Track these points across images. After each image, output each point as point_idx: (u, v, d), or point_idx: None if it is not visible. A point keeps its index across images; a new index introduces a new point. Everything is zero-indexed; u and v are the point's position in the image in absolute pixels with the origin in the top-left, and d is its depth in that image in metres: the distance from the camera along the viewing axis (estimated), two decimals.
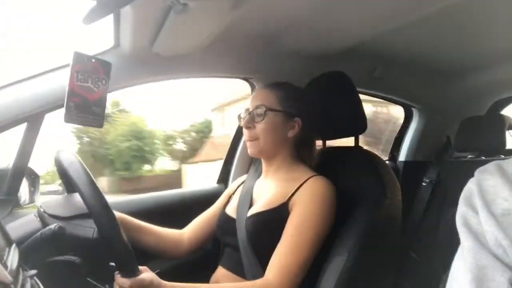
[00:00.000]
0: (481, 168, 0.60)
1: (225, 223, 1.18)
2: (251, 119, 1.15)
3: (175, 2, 0.87)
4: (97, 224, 0.89)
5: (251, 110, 1.16)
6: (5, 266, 0.64)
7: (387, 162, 2.09)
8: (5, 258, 0.67)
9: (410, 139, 2.10)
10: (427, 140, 2.07)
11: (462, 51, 1.60)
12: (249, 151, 1.18)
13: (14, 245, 0.78)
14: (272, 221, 1.06)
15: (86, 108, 1.06)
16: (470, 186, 0.59)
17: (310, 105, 1.19)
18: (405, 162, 2.09)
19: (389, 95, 1.96)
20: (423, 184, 1.89)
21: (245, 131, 1.18)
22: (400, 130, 2.16)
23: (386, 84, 1.82)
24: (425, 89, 1.94)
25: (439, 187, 1.84)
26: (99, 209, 0.86)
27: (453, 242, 0.60)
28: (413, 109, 2.08)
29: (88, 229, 0.98)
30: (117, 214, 1.09)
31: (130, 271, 0.85)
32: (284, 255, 1.00)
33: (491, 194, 0.54)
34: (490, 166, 0.59)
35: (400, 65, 1.69)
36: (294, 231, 1.02)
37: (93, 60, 1.07)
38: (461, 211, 0.58)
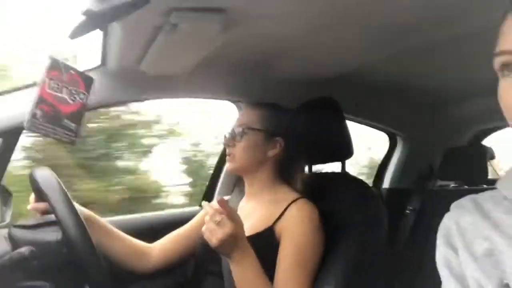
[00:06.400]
0: (457, 203, 0.59)
1: (205, 250, 1.13)
2: (232, 138, 1.15)
3: (166, 22, 0.86)
4: (63, 227, 0.86)
5: (233, 129, 1.17)
6: None
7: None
8: None
9: (394, 166, 2.11)
10: (410, 168, 2.09)
11: (446, 82, 1.63)
12: (226, 167, 1.15)
13: None
14: (259, 248, 1.01)
15: (55, 119, 0.97)
16: (448, 223, 0.57)
17: (294, 125, 1.19)
18: (388, 190, 2.10)
19: (374, 123, 1.98)
20: (407, 212, 1.89)
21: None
22: (384, 158, 2.17)
23: (371, 111, 1.84)
24: (409, 118, 1.96)
25: (423, 215, 1.84)
26: (65, 212, 0.85)
27: (438, 274, 0.59)
28: (397, 137, 2.10)
29: (54, 233, 0.93)
30: (86, 213, 1.07)
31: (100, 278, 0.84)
32: None
33: (470, 233, 0.53)
34: (466, 201, 0.58)
35: (386, 93, 1.71)
36: (291, 265, 0.98)
37: (72, 72, 1.01)
38: (442, 251, 0.56)
